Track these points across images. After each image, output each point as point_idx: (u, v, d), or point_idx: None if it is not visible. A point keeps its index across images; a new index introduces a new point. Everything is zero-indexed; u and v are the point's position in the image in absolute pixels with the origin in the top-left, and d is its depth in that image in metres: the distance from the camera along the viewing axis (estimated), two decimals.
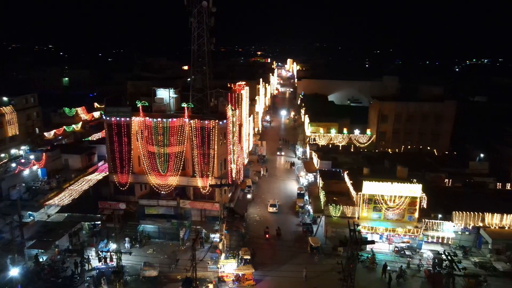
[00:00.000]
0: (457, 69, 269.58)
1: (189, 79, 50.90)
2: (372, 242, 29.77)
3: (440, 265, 40.71)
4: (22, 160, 57.36)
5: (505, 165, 66.40)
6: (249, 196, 57.17)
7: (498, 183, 58.84)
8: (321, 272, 40.83)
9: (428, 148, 73.63)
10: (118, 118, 45.98)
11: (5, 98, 71.92)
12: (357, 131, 77.22)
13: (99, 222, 48.19)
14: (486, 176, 61.06)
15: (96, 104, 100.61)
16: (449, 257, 28.85)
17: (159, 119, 45.07)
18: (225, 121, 45.65)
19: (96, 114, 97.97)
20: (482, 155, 70.41)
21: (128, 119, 45.84)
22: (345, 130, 77.01)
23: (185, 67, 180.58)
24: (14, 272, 33.07)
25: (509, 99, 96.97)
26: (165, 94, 47.09)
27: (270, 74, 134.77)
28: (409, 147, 74.61)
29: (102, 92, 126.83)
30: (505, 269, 41.41)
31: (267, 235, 48.54)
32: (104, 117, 46.87)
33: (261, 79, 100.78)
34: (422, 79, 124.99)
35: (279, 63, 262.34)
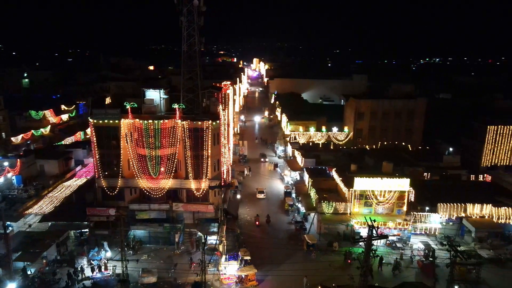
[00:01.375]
0: (414, 68, 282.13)
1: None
2: (386, 236, 30.60)
3: (433, 256, 42.59)
4: None
5: (473, 157, 70.55)
6: (238, 196, 56.89)
7: (472, 175, 62.54)
8: (319, 270, 41.04)
9: (403, 143, 76.64)
10: (106, 121, 44.18)
11: None
12: (335, 129, 78.95)
13: (86, 230, 46.17)
14: (458, 169, 64.65)
15: (63, 107, 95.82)
16: (452, 247, 30.20)
17: (150, 121, 43.78)
18: (218, 121, 45.13)
19: (64, 117, 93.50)
20: (451, 149, 74.30)
21: (117, 121, 44.15)
22: (323, 128, 78.51)
23: (151, 67, 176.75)
24: (12, 287, 30.94)
25: (470, 96, 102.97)
26: (155, 95, 45.81)
27: (242, 73, 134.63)
28: (385, 143, 77.27)
29: (66, 93, 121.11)
30: (489, 256, 43.92)
31: (257, 222, 51.36)
32: (90, 120, 44.83)
33: (238, 79, 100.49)
34: (386, 78, 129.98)
35: (245, 63, 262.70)
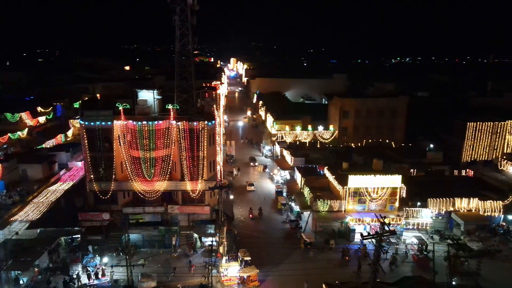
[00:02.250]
0: (387, 67, 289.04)
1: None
2: (394, 232, 31.15)
3: (427, 249, 43.91)
4: None
5: (453, 153, 72.84)
6: (231, 197, 56.49)
7: (455, 171, 64.60)
8: (318, 269, 41.11)
9: (387, 141, 78.27)
10: (98, 123, 42.84)
11: None
12: (320, 128, 79.73)
13: (78, 236, 44.66)
14: (440, 165, 66.66)
15: (39, 108, 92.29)
16: (455, 241, 31.17)
17: (144, 122, 42.80)
18: (213, 121, 44.66)
19: (41, 119, 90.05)
20: (431, 146, 76.47)
21: (109, 123, 42.89)
22: (309, 127, 79.10)
23: (127, 67, 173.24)
24: None
25: (446, 94, 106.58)
26: (148, 96, 44.78)
27: (222, 73, 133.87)
28: (369, 141, 78.67)
29: (40, 95, 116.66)
30: (478, 248, 45.51)
31: (251, 215, 53.68)
32: (81, 122, 43.36)
33: (222, 79, 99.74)
34: (365, 77, 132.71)
35: (222, 63, 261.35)
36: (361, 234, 29.07)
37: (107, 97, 48.45)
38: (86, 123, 42.88)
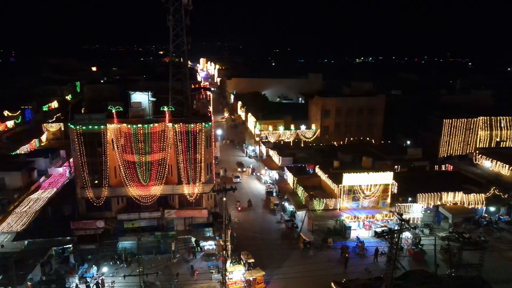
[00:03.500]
0: (351, 65, 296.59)
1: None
2: (414, 228, 31.86)
3: (419, 243, 45.41)
4: None
5: (430, 149, 75.80)
6: (224, 198, 55.71)
7: (436, 166, 67.28)
8: (318, 269, 41.37)
9: (367, 138, 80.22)
10: (90, 127, 40.97)
11: None
12: (303, 127, 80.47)
13: (69, 246, 42.53)
14: (420, 161, 69.21)
15: (6, 112, 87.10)
16: (460, 235, 32.37)
17: (139, 125, 41.41)
18: (210, 123, 43.98)
19: (10, 124, 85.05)
20: (408, 142, 79.23)
21: (102, 127, 41.13)
22: (292, 126, 79.63)
23: (94, 68, 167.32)
24: None
25: (416, 92, 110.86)
26: (142, 98, 43.38)
27: (197, 73, 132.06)
28: (351, 139, 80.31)
29: (4, 98, 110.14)
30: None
31: (239, 208, 55.85)
32: (72, 126, 41.30)
33: (198, 79, 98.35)
34: (339, 76, 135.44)
35: (191, 63, 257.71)
36: (375, 232, 29.53)
37: (94, 100, 46.41)
38: (78, 127, 40.87)
